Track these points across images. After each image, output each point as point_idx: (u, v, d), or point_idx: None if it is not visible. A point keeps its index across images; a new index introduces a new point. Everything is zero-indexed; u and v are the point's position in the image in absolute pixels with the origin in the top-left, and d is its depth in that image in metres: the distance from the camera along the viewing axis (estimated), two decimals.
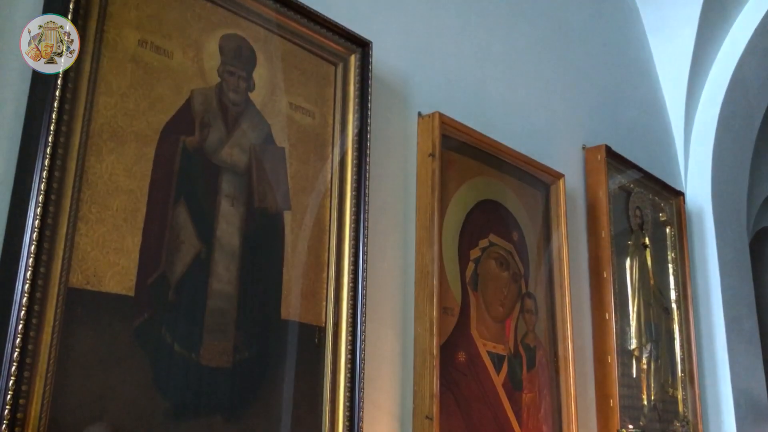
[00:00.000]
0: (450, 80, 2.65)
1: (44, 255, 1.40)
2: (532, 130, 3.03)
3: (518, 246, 2.74)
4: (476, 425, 2.36)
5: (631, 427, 2.38)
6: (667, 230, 3.77)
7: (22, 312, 1.34)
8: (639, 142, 3.82)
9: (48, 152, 1.43)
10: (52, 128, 1.44)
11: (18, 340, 1.33)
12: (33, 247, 1.38)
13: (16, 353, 1.32)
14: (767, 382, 4.24)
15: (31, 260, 1.37)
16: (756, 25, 4.14)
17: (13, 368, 1.32)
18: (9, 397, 1.30)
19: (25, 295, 1.35)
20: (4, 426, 1.30)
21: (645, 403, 3.26)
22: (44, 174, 1.42)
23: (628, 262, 3.38)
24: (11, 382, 1.31)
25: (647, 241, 3.54)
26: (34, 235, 1.38)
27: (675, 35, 4.09)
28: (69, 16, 1.50)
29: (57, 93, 1.46)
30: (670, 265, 3.72)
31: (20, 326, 1.34)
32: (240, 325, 1.75)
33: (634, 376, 3.24)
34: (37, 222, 1.39)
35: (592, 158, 3.30)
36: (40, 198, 1.40)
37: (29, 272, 1.36)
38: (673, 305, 3.66)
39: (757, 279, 4.74)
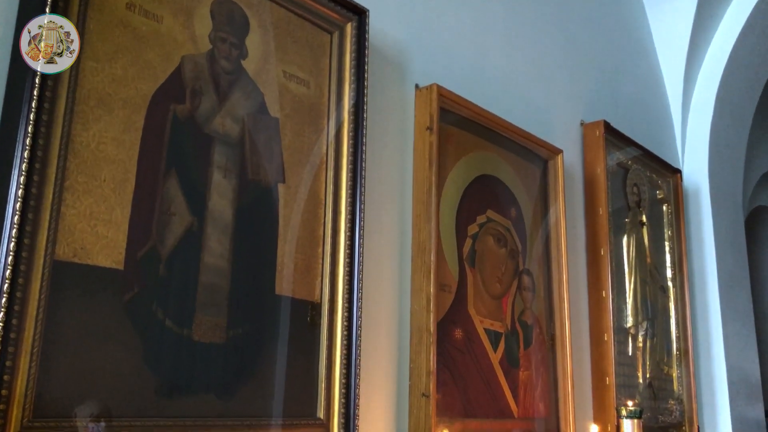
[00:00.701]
0: (448, 52, 2.58)
1: (29, 226, 1.35)
2: (531, 104, 2.98)
3: (516, 222, 2.69)
4: (473, 402, 2.33)
5: (630, 403, 2.36)
6: (664, 208, 3.74)
7: (6, 285, 1.29)
8: (637, 118, 3.78)
9: (31, 118, 1.36)
10: (35, 93, 1.38)
11: (2, 314, 1.28)
12: (17, 218, 1.32)
13: None
14: (760, 360, 4.25)
15: (14, 231, 1.31)
16: (755, 3, 4.07)
17: None
18: None
19: (9, 267, 1.29)
20: None
21: (640, 380, 3.25)
22: (28, 141, 1.35)
23: (625, 239, 3.35)
24: None
25: (644, 218, 3.51)
26: (18, 204, 1.32)
27: (674, 11, 4.03)
28: None
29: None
30: (666, 243, 3.69)
31: (4, 300, 1.28)
32: (233, 301, 1.70)
33: (630, 354, 3.23)
34: (20, 191, 1.33)
35: (591, 134, 3.25)
36: (24, 166, 1.34)
37: (13, 243, 1.31)
38: (669, 283, 3.64)
39: (751, 257, 4.74)
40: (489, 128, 2.61)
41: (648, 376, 3.30)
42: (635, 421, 2.38)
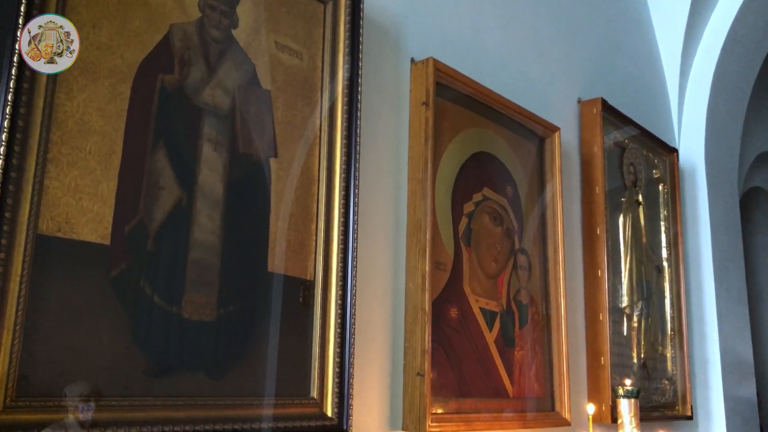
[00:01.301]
0: (444, 26, 2.52)
1: (9, 198, 1.30)
2: (528, 81, 2.92)
3: (512, 201, 2.65)
4: (468, 382, 2.30)
5: (627, 383, 2.34)
6: (660, 187, 3.70)
7: None
8: (634, 97, 3.73)
9: (12, 86, 1.31)
10: (15, 60, 1.32)
11: None
12: None
13: None
14: (753, 340, 4.25)
15: None
16: None
17: None
18: None
19: None
20: None
21: (635, 360, 3.23)
22: (8, 110, 1.30)
23: (621, 219, 3.32)
24: None
25: (640, 198, 3.48)
26: None
27: None
28: None
29: (20, 21, 1.33)
30: (662, 223, 3.67)
31: None
32: (224, 278, 1.65)
33: (625, 334, 3.21)
34: (0, 162, 1.27)
35: (588, 111, 3.20)
36: (4, 136, 1.29)
37: None
38: (665, 263, 3.62)
39: (745, 237, 4.73)
40: (486, 104, 2.56)
41: (642, 356, 3.29)
42: (632, 400, 2.36)
